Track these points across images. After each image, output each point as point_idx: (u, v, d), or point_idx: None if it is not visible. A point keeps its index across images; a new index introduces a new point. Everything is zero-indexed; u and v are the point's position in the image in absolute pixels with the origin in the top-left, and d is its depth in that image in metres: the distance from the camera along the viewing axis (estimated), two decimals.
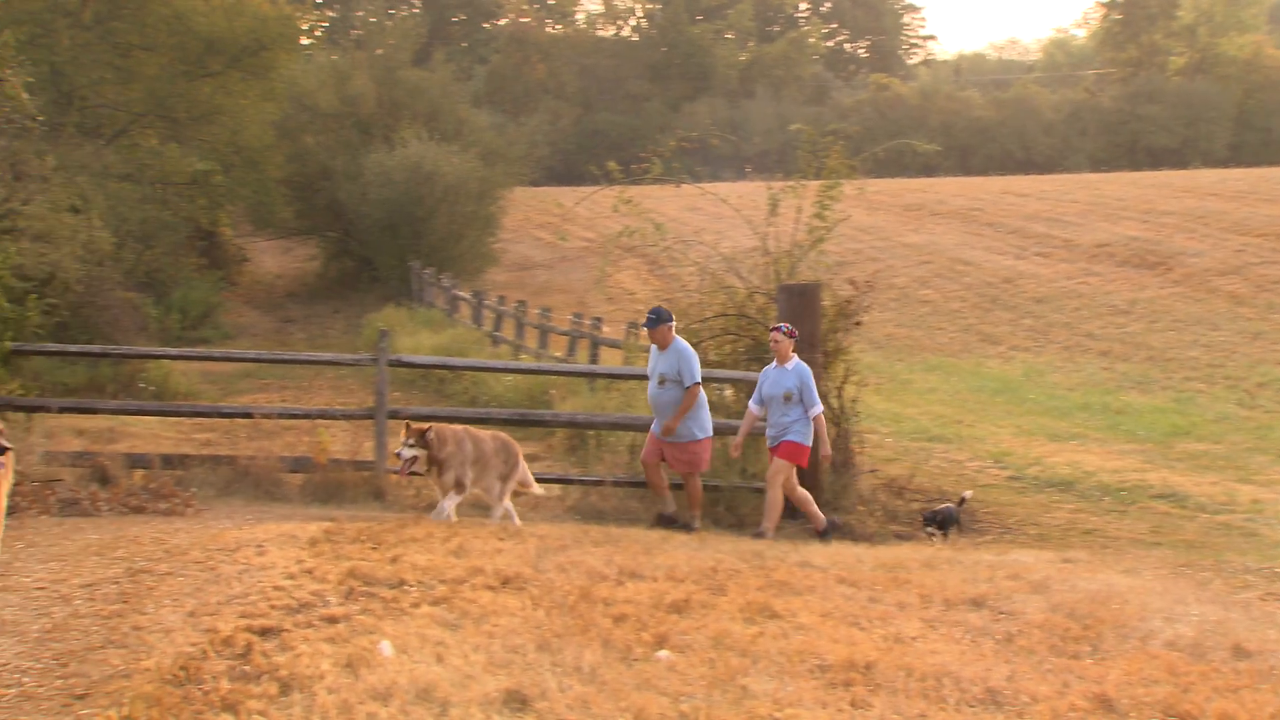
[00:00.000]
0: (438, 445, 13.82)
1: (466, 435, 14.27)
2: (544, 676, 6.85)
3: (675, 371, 15.03)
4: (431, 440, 13.79)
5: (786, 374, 14.99)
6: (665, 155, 19.75)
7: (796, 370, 15.01)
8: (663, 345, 15.21)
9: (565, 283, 46.63)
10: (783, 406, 14.92)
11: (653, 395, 15.28)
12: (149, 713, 6.12)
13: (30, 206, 26.58)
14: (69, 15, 40.55)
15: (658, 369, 15.19)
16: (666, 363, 15.11)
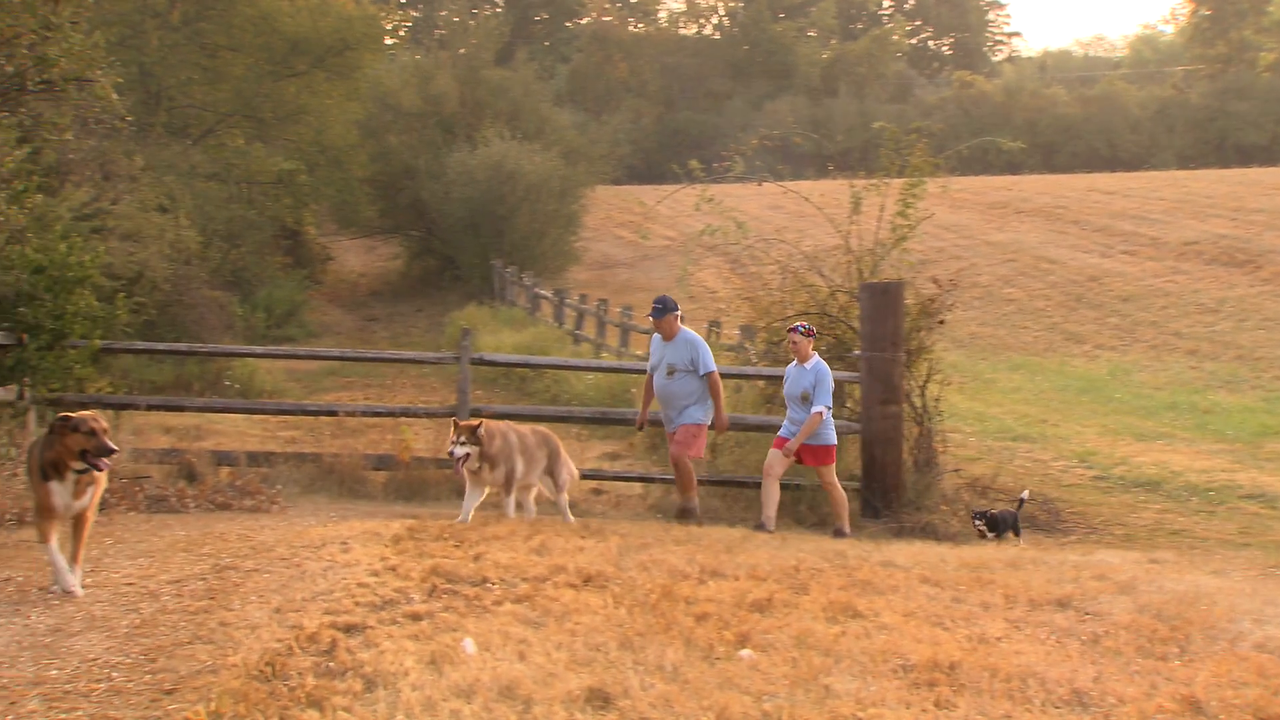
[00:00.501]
0: (488, 441, 13.62)
1: (511, 430, 14.13)
2: (626, 675, 6.83)
3: (688, 361, 14.70)
4: (482, 436, 13.57)
5: (805, 373, 14.85)
6: (747, 153, 19.72)
7: (815, 369, 14.85)
8: (669, 335, 14.89)
9: (647, 281, 46.63)
10: (801, 406, 14.81)
11: (661, 386, 14.87)
12: (236, 708, 6.16)
13: (119, 206, 26.92)
14: (158, 16, 41.00)
15: (666, 359, 14.81)
16: (676, 353, 14.76)
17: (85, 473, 9.11)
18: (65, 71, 16.01)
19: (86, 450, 9.07)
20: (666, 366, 14.76)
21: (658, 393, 14.89)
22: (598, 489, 17.55)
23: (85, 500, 9.22)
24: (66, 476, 9.07)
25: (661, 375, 14.78)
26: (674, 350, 14.78)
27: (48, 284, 16.66)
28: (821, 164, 54.33)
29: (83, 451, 9.08)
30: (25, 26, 15.40)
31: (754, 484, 16.49)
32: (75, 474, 9.07)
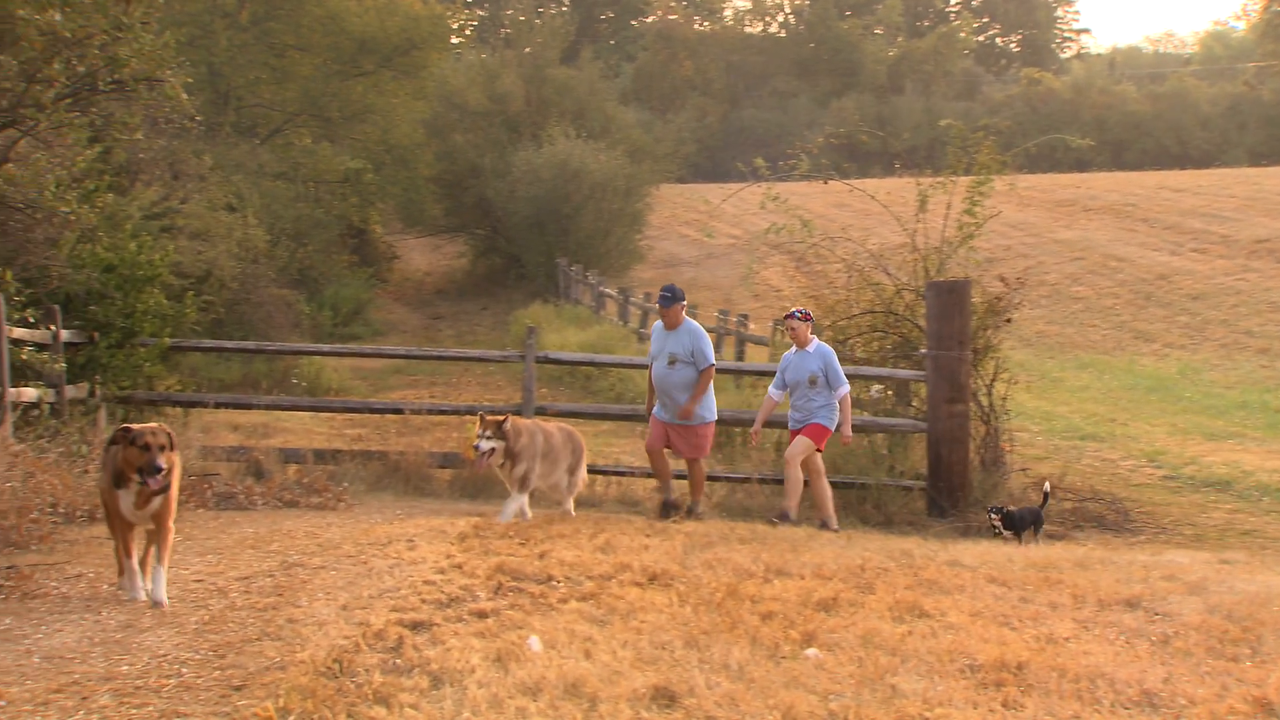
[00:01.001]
0: (513, 437, 13.44)
1: (538, 428, 13.93)
2: (692, 673, 6.83)
3: (688, 352, 14.57)
4: (508, 431, 13.40)
5: (809, 357, 14.71)
6: (813, 151, 19.66)
7: (819, 352, 14.73)
8: (673, 325, 14.75)
9: (711, 280, 46.57)
10: (808, 391, 14.65)
11: (660, 376, 14.72)
12: (304, 704, 6.19)
13: (188, 205, 27.16)
14: (227, 16, 41.33)
15: (666, 349, 14.67)
16: (678, 343, 14.63)
17: (164, 490, 8.95)
18: (136, 71, 16.13)
19: (140, 465, 8.89)
20: (668, 356, 14.64)
21: (657, 382, 14.78)
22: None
23: (154, 508, 8.97)
24: (130, 485, 8.92)
25: (662, 364, 14.68)
26: (676, 340, 14.68)
27: (118, 282, 16.82)
28: (887, 162, 54.20)
29: (139, 465, 8.90)
30: (97, 27, 15.53)
31: None
32: (138, 484, 8.89)
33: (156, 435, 8.87)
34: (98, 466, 12.30)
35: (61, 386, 15.58)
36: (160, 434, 8.91)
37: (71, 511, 12.41)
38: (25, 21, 14.58)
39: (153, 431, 8.89)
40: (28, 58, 15.32)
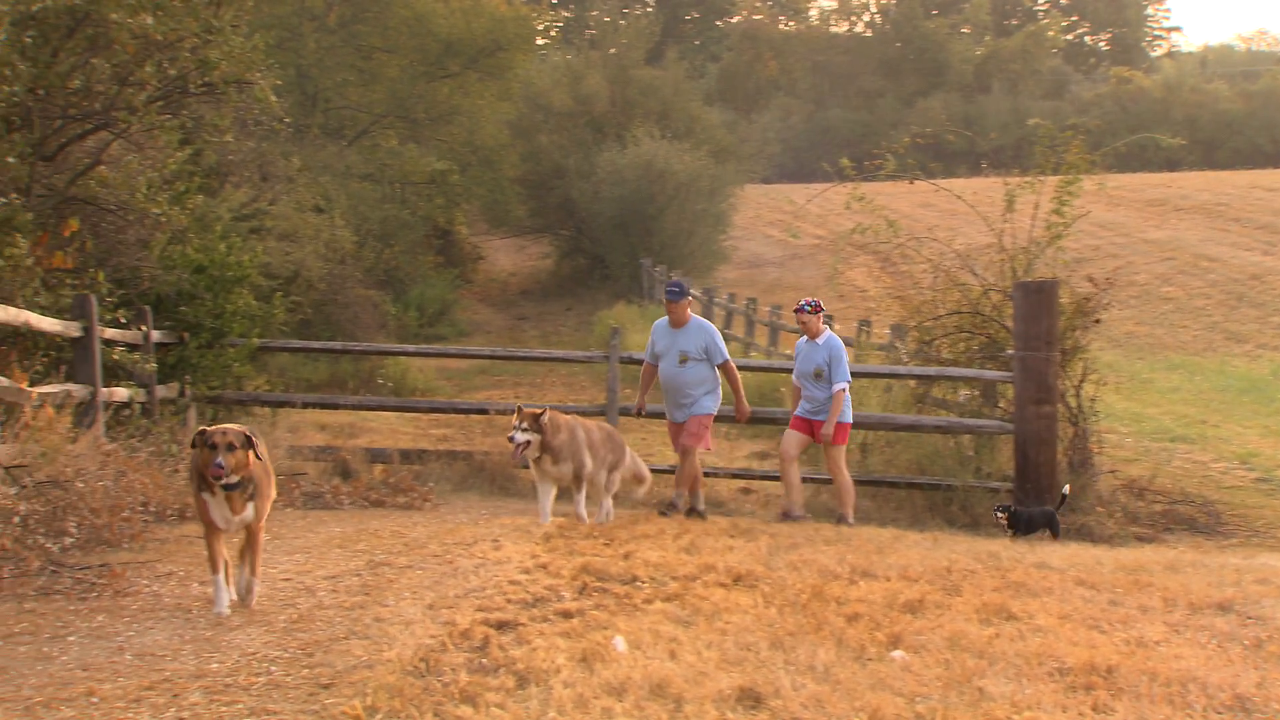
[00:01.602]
0: (550, 431, 13.15)
1: (578, 424, 13.62)
2: (777, 674, 6.81)
3: (701, 349, 14.37)
4: (545, 425, 13.12)
5: (817, 349, 14.65)
6: (899, 151, 19.54)
7: (827, 344, 14.64)
8: (680, 321, 14.52)
9: (796, 280, 46.44)
10: (815, 383, 14.61)
11: (671, 375, 14.50)
12: (391, 703, 6.22)
13: (277, 206, 27.39)
14: (315, 19, 41.66)
15: (677, 346, 14.44)
16: (689, 340, 14.41)
17: (234, 489, 8.57)
18: (226, 74, 16.29)
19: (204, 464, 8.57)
20: (678, 354, 14.43)
21: (668, 381, 14.54)
22: (746, 488, 17.53)
23: (246, 515, 8.70)
24: (216, 490, 8.56)
25: (672, 363, 14.47)
26: (686, 337, 14.46)
27: (208, 283, 16.99)
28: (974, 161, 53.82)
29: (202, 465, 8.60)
30: (188, 30, 15.70)
31: (905, 484, 16.38)
32: (224, 490, 8.55)
33: (225, 434, 8.55)
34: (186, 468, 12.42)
35: (152, 386, 15.76)
36: (231, 434, 8.57)
37: (162, 510, 12.56)
38: (118, 25, 14.75)
39: (222, 431, 8.59)
40: (120, 61, 15.51)
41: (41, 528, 10.66)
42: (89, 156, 16.14)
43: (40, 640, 7.83)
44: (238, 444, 8.52)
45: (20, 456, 11.72)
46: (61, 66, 15.02)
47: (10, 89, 13.15)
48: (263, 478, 8.83)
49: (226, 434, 8.52)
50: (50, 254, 14.58)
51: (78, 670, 7.07)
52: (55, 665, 7.20)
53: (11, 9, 12.84)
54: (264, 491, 8.84)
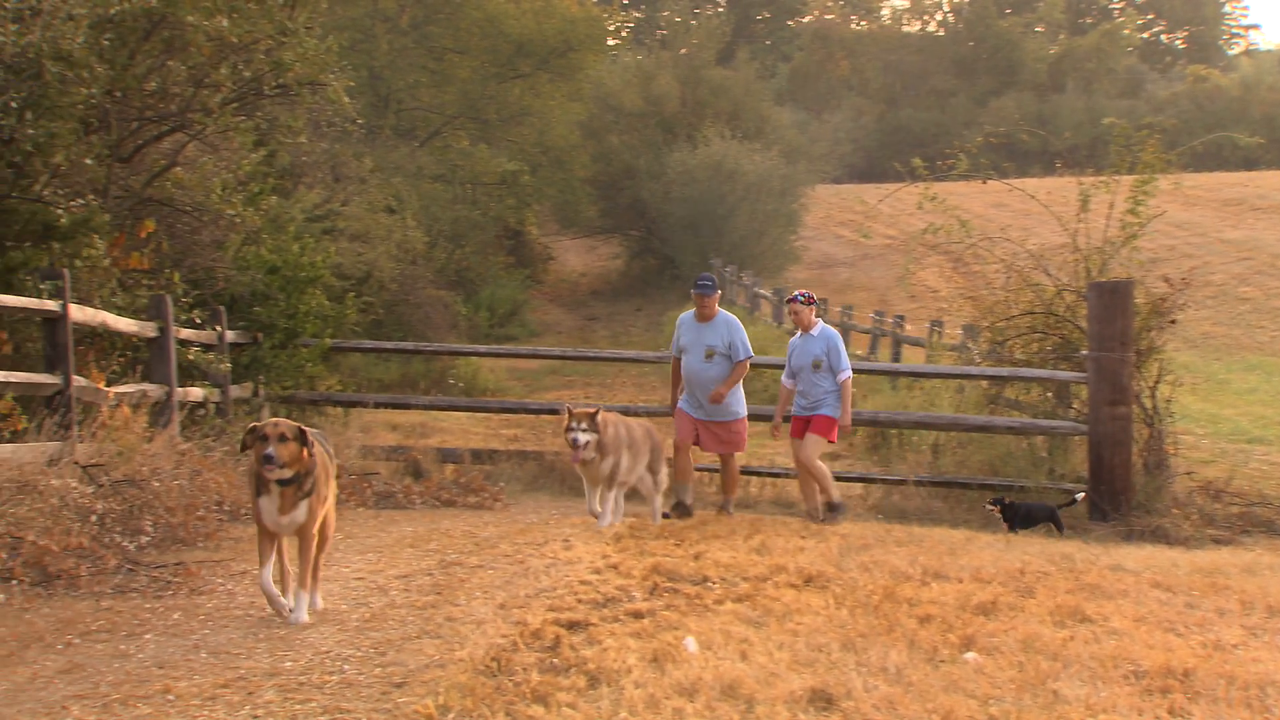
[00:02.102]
0: (603, 429, 12.85)
1: (620, 422, 13.34)
2: (849, 676, 6.78)
3: (726, 345, 14.13)
4: (601, 424, 12.83)
5: (813, 340, 14.35)
6: (971, 151, 19.43)
7: (823, 335, 14.37)
8: (708, 316, 14.28)
9: (867, 280, 46.31)
10: (813, 376, 14.22)
11: (697, 370, 14.20)
12: (463, 702, 6.24)
13: (349, 207, 27.58)
14: (388, 21, 41.91)
15: (703, 341, 14.18)
16: (715, 335, 14.17)
17: (288, 484, 8.17)
18: (300, 76, 16.42)
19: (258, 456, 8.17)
20: (705, 349, 14.18)
21: (692, 377, 14.28)
22: None
23: (298, 516, 8.23)
24: (270, 488, 8.16)
25: (698, 358, 14.20)
26: (713, 332, 14.24)
27: (281, 284, 17.12)
28: (1048, 161, 53.39)
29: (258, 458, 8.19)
30: (262, 32, 15.84)
31: (977, 485, 16.28)
32: (279, 486, 8.15)
33: (277, 426, 8.16)
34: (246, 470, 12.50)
35: (226, 386, 15.90)
36: (282, 425, 8.17)
37: (236, 509, 12.66)
38: (194, 28, 14.90)
39: (274, 423, 8.19)
40: (196, 63, 15.66)
41: (118, 526, 10.77)
42: (165, 158, 16.30)
43: (117, 638, 7.91)
44: (290, 435, 8.11)
45: (98, 455, 11.86)
46: (138, 69, 15.18)
47: (88, 91, 13.29)
48: (320, 477, 8.38)
49: (278, 425, 8.14)
50: (127, 255, 14.74)
51: (154, 668, 7.14)
52: (132, 662, 7.27)
53: (90, 12, 12.99)
54: (320, 492, 8.37)
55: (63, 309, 12.03)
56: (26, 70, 12.32)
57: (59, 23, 12.38)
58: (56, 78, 12.53)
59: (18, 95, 12.14)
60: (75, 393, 12.13)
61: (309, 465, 8.24)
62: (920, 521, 14.49)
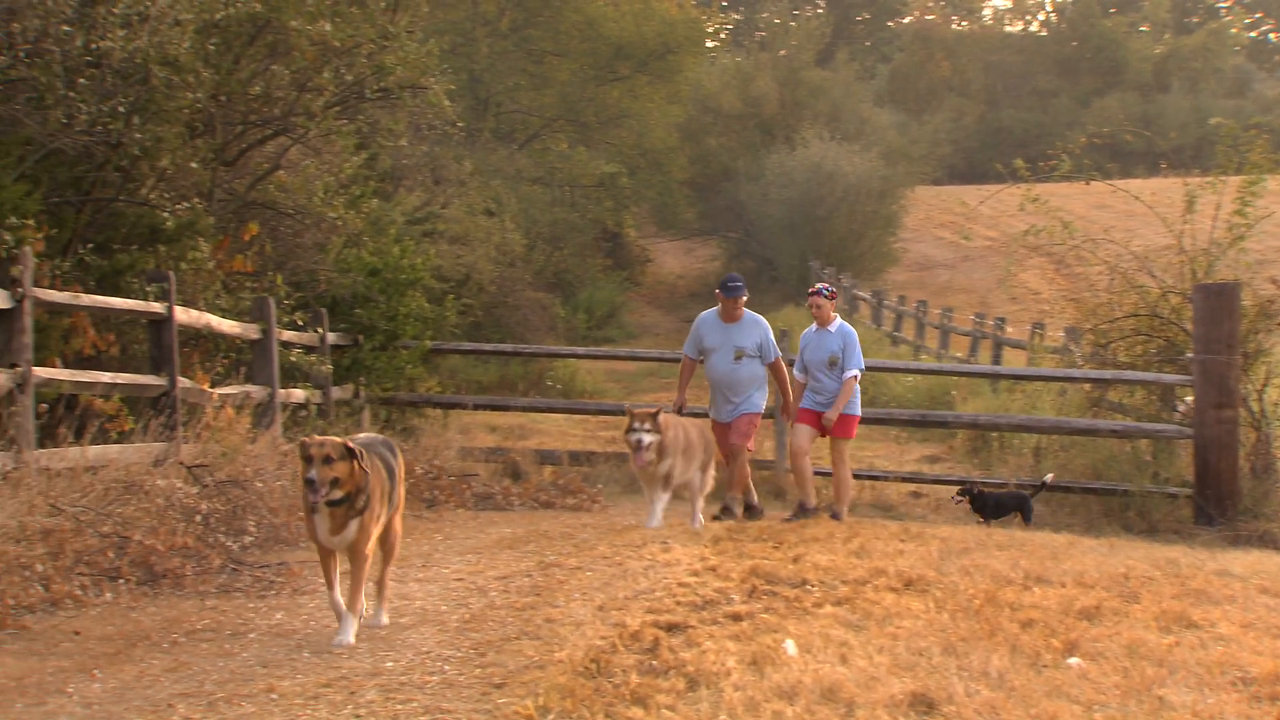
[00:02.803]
0: (664, 430, 12.63)
1: (678, 423, 13.11)
2: (950, 680, 6.72)
3: (756, 346, 13.73)
4: (662, 424, 12.62)
5: (830, 336, 14.08)
6: (1074, 151, 19.22)
7: (840, 332, 14.11)
8: (735, 316, 13.83)
9: (967, 282, 45.93)
10: (828, 372, 13.97)
11: (725, 372, 13.76)
12: (563, 703, 6.25)
13: (449, 210, 27.75)
14: (488, 24, 42.14)
15: (732, 342, 13.72)
16: (744, 336, 13.74)
17: (338, 505, 7.76)
18: (401, 79, 16.56)
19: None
20: (734, 350, 13.75)
21: (721, 379, 13.84)
22: (916, 492, 17.37)
23: (349, 534, 7.83)
24: (320, 507, 7.76)
25: (727, 360, 13.76)
26: (741, 333, 13.81)
27: (382, 286, 17.26)
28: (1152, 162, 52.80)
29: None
30: (365, 36, 16.00)
31: (1080, 489, 16.12)
32: (328, 506, 7.74)
33: (322, 446, 7.73)
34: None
35: (328, 388, 16.05)
36: (328, 445, 7.74)
37: None
38: (298, 32, 15.06)
39: (319, 443, 7.75)
40: (299, 67, 15.83)
41: (222, 526, 10.90)
42: (268, 161, 16.50)
43: (222, 637, 8.01)
44: (335, 455, 7.68)
45: (202, 456, 12.01)
46: (243, 73, 15.37)
47: (194, 96, 13.47)
48: (375, 493, 7.95)
49: (324, 446, 7.71)
50: (231, 258, 14.92)
51: (258, 666, 7.21)
52: (236, 661, 7.35)
53: (196, 17, 13.17)
54: (374, 509, 7.93)
55: (168, 311, 12.20)
56: (134, 75, 12.50)
57: (166, 28, 12.56)
58: (163, 82, 12.70)
59: (125, 100, 12.32)
60: (180, 394, 12.31)
61: (360, 483, 7.82)
62: (1021, 525, 14.34)
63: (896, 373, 23.43)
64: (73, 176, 12.62)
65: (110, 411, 11.76)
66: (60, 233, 12.15)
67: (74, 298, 11.18)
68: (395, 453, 8.45)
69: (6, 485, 9.43)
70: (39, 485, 9.77)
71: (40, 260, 11.01)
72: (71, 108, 11.68)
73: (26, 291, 10.11)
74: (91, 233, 12.68)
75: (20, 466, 9.78)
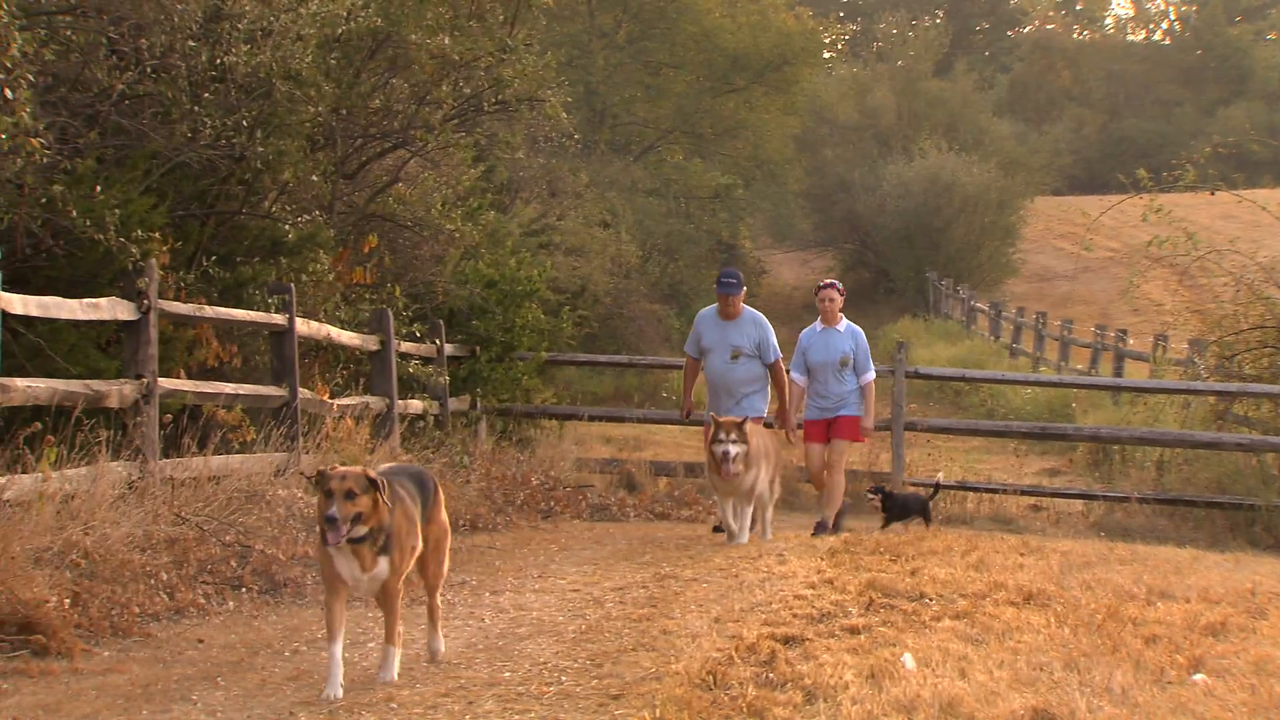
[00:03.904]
0: (750, 439, 11.98)
1: (757, 431, 12.41)
2: (1072, 696, 6.62)
3: (754, 345, 13.09)
4: (748, 433, 11.96)
5: (839, 336, 13.39)
6: (1199, 161, 18.94)
7: (850, 331, 13.42)
8: (733, 314, 13.16)
9: (1088, 294, 45.34)
10: (838, 374, 13.28)
11: (720, 372, 13.14)
12: (679, 715, 6.22)
13: (565, 221, 27.85)
14: (604, 36, 42.27)
15: (729, 341, 13.07)
16: (742, 334, 13.08)
17: (361, 542, 6.92)
18: (519, 92, 16.68)
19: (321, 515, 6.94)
20: (731, 349, 13.12)
21: (718, 379, 13.23)
22: (1036, 505, 17.17)
23: (379, 571, 7.03)
24: (342, 544, 6.91)
25: (723, 359, 13.13)
26: (739, 331, 13.17)
27: (498, 298, 17.37)
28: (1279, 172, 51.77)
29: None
30: (483, 50, 16.11)
31: (1203, 503, 15.85)
32: (350, 544, 6.90)
33: (344, 479, 6.88)
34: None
35: (445, 399, 16.18)
36: (350, 478, 6.89)
37: (455, 520, 12.80)
38: (418, 46, 15.20)
39: (340, 475, 6.91)
40: (418, 81, 15.98)
41: None
42: (387, 174, 16.67)
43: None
44: (358, 489, 6.84)
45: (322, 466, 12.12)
46: (363, 87, 15.53)
47: (315, 109, 13.65)
48: (402, 527, 7.16)
49: (345, 479, 6.86)
50: (350, 269, 15.08)
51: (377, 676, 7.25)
52: (356, 670, 7.40)
53: (318, 32, 13.33)
54: (402, 543, 7.13)
55: (289, 323, 12.35)
56: (258, 90, 12.67)
57: (289, 43, 12.71)
58: (285, 96, 12.87)
59: (249, 114, 12.49)
60: (301, 405, 12.44)
61: (384, 519, 6.97)
62: (1144, 540, 14.14)
63: (1015, 384, 23.19)
64: (197, 190, 12.80)
65: (233, 422, 11.91)
66: (185, 245, 12.33)
67: (198, 310, 11.35)
68: (428, 482, 7.64)
69: (133, 494, 9.58)
70: (164, 495, 9.91)
71: (165, 273, 11.18)
72: (196, 122, 11.85)
73: (152, 304, 10.26)
74: (215, 245, 12.86)
75: (146, 476, 9.93)
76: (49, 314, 9.47)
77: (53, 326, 10.07)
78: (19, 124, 8.92)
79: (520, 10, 18.16)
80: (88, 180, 10.18)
